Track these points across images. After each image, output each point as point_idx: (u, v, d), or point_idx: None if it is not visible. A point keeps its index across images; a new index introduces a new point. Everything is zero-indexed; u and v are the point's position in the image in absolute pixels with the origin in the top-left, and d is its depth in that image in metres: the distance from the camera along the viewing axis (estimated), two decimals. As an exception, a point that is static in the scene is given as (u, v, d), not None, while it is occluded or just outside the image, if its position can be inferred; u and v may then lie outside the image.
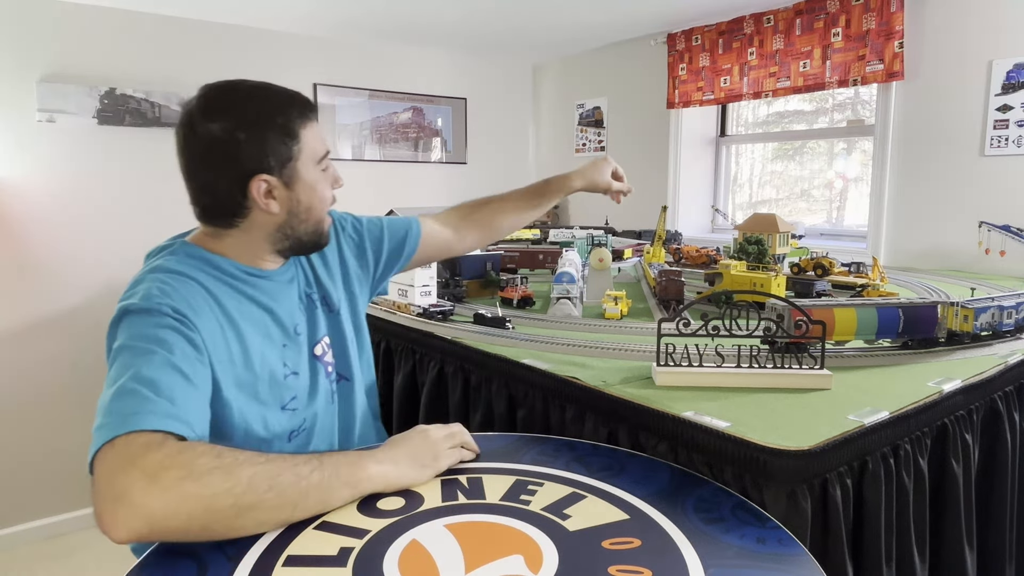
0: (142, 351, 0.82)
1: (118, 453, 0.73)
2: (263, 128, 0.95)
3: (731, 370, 1.10)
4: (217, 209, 0.98)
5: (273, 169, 0.95)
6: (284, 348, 1.01)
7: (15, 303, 2.74)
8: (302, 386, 1.03)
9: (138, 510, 0.69)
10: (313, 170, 1.00)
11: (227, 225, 0.99)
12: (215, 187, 0.96)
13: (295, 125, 0.97)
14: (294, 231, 1.01)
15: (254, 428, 0.95)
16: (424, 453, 0.90)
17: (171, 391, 0.79)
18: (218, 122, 0.94)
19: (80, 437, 3.07)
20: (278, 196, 0.97)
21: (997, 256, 2.27)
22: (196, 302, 0.91)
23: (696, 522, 0.78)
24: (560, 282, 1.70)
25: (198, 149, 0.96)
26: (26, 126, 2.68)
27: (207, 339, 0.89)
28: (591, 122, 3.82)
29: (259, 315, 0.99)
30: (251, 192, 0.95)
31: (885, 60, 2.50)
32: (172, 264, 0.95)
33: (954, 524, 1.10)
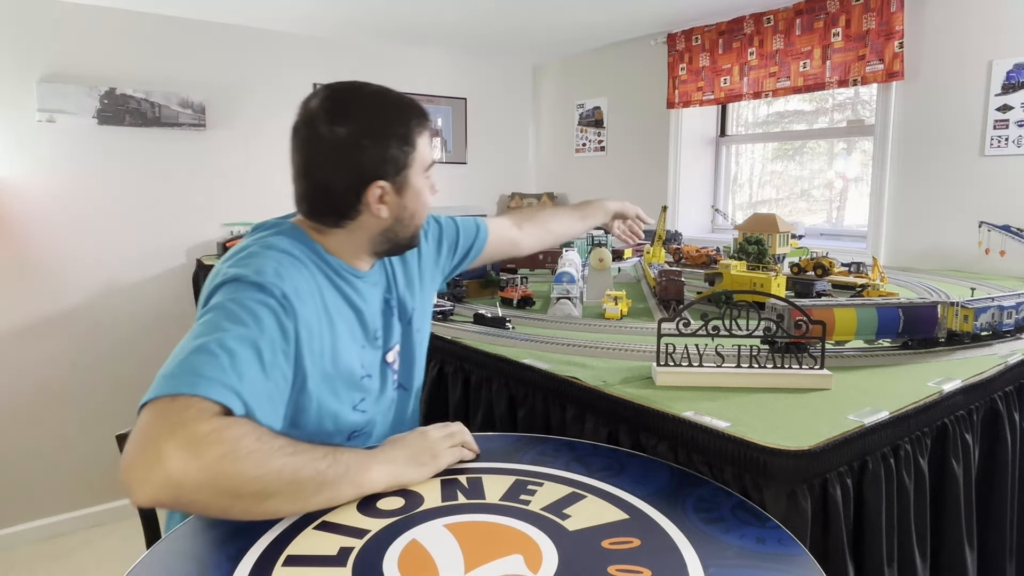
0: (236, 319, 0.83)
1: (172, 414, 0.73)
2: (387, 136, 0.97)
3: (731, 370, 1.10)
4: (327, 209, 0.99)
5: (389, 175, 0.98)
6: (363, 350, 1.03)
7: (15, 303, 2.75)
8: (373, 389, 1.04)
9: (172, 478, 0.70)
10: (421, 177, 1.02)
11: (334, 224, 1.00)
12: (331, 188, 0.98)
13: (414, 134, 1.00)
14: (396, 235, 1.03)
15: (325, 423, 0.97)
16: (423, 452, 0.91)
17: (245, 368, 0.80)
18: (344, 127, 0.95)
19: (80, 437, 3.09)
20: (388, 202, 0.99)
21: (997, 256, 2.27)
22: (304, 290, 0.92)
23: (696, 522, 0.78)
24: (560, 282, 1.70)
25: (320, 150, 0.97)
26: (26, 126, 2.68)
27: (303, 330, 0.90)
28: (591, 122, 3.82)
29: (349, 314, 1.01)
30: (366, 197, 0.97)
31: (885, 60, 2.50)
32: (287, 246, 0.96)
33: (954, 524, 1.10)
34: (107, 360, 2.96)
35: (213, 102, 3.07)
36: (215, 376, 0.77)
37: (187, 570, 0.70)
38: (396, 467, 0.87)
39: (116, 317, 2.96)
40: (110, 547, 2.78)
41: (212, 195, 3.10)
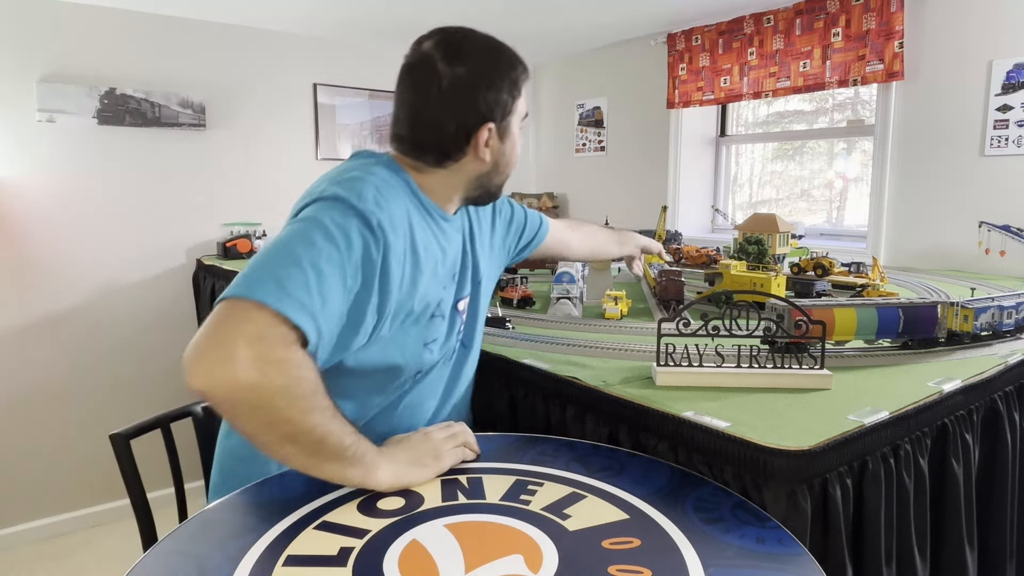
0: (330, 238, 0.85)
1: (254, 323, 0.76)
2: (501, 80, 0.99)
3: (731, 370, 1.10)
4: (434, 148, 1.00)
5: (496, 119, 1.00)
6: (443, 290, 1.04)
7: (15, 303, 2.74)
8: (442, 332, 1.06)
9: (233, 382, 0.74)
10: (517, 127, 1.06)
11: (436, 164, 1.01)
12: (443, 127, 0.99)
13: (520, 83, 1.03)
14: (490, 181, 1.06)
15: (392, 353, 0.99)
16: (426, 454, 0.91)
17: (329, 293, 0.82)
18: (463, 67, 0.97)
19: (80, 437, 3.08)
20: (492, 147, 1.02)
21: (997, 256, 2.27)
22: (398, 221, 0.93)
23: (696, 522, 0.78)
24: (560, 282, 1.69)
25: (437, 89, 0.97)
26: (26, 126, 2.68)
27: (392, 260, 0.91)
28: (591, 122, 3.82)
29: (436, 252, 1.02)
30: (476, 139, 0.99)
31: (885, 60, 2.50)
32: (389, 177, 0.98)
33: (954, 524, 1.10)
34: (107, 360, 2.96)
35: (213, 102, 3.07)
36: (301, 297, 0.79)
37: (187, 570, 0.70)
38: (399, 467, 0.88)
39: (116, 317, 2.96)
40: (110, 547, 2.78)
41: (212, 195, 3.10)
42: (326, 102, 3.40)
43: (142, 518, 1.18)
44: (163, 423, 1.27)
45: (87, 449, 2.88)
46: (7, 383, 2.76)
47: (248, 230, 3.03)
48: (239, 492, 0.89)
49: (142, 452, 1.26)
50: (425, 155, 1.01)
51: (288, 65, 3.28)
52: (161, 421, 1.26)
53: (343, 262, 0.85)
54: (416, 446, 0.91)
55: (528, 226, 1.37)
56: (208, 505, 0.88)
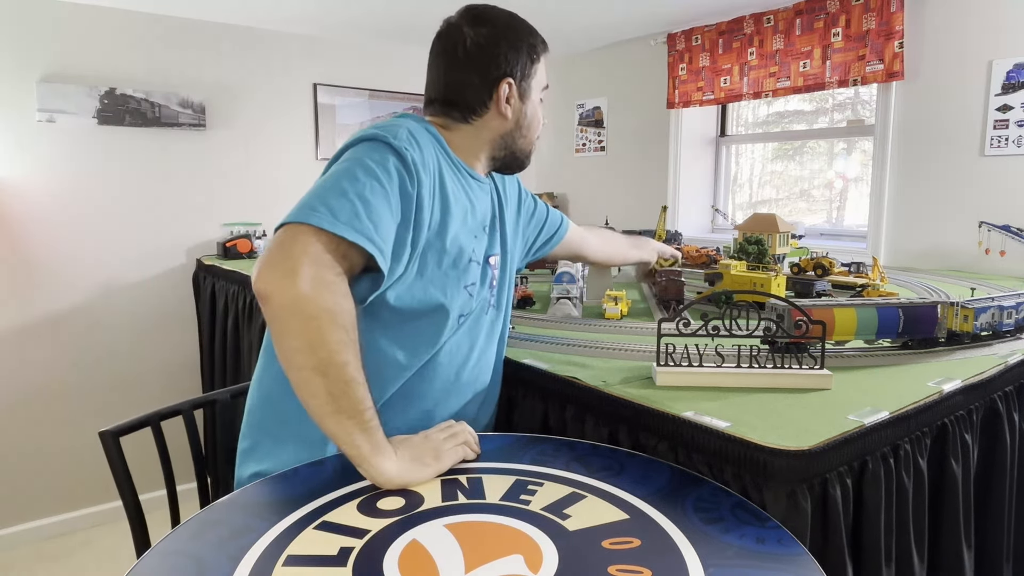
0: (370, 172, 0.93)
1: (316, 245, 0.86)
2: (520, 42, 1.12)
3: (731, 370, 1.10)
4: (459, 103, 1.11)
5: (517, 78, 1.11)
6: (475, 239, 1.11)
7: (15, 303, 2.75)
8: (478, 277, 1.12)
9: (292, 293, 0.83)
10: (537, 95, 1.16)
11: (462, 119, 1.12)
12: (467, 83, 1.10)
13: (539, 50, 1.15)
14: (514, 142, 1.16)
15: (435, 293, 1.04)
16: (426, 453, 0.91)
17: (378, 218, 0.91)
18: (485, 28, 1.10)
19: (79, 437, 3.08)
20: (512, 104, 1.12)
21: (997, 256, 2.27)
22: (429, 163, 1.01)
23: (696, 522, 0.78)
24: (560, 282, 1.69)
25: (462, 50, 1.10)
26: (26, 126, 2.68)
27: (425, 196, 0.99)
28: (591, 122, 3.82)
29: (465, 202, 1.09)
30: (497, 92, 1.10)
31: (885, 60, 2.50)
32: (417, 127, 1.05)
33: (953, 524, 1.10)
34: (107, 360, 2.96)
35: (213, 102, 3.07)
36: (354, 223, 0.88)
37: (187, 570, 0.70)
38: (402, 463, 0.88)
39: (116, 317, 2.96)
40: (110, 547, 2.78)
41: (212, 195, 3.10)
42: (326, 102, 3.40)
43: (133, 516, 1.18)
44: (153, 421, 1.26)
45: (87, 449, 2.88)
46: (7, 383, 2.76)
47: (248, 230, 3.03)
48: (239, 492, 0.89)
49: (136, 455, 1.26)
50: (452, 111, 1.12)
51: (288, 65, 3.28)
52: (151, 419, 1.26)
53: (387, 193, 0.93)
54: (417, 446, 0.92)
55: (548, 223, 1.45)
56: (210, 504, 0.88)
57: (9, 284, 2.72)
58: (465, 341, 1.13)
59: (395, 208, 0.94)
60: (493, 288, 1.18)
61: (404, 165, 0.96)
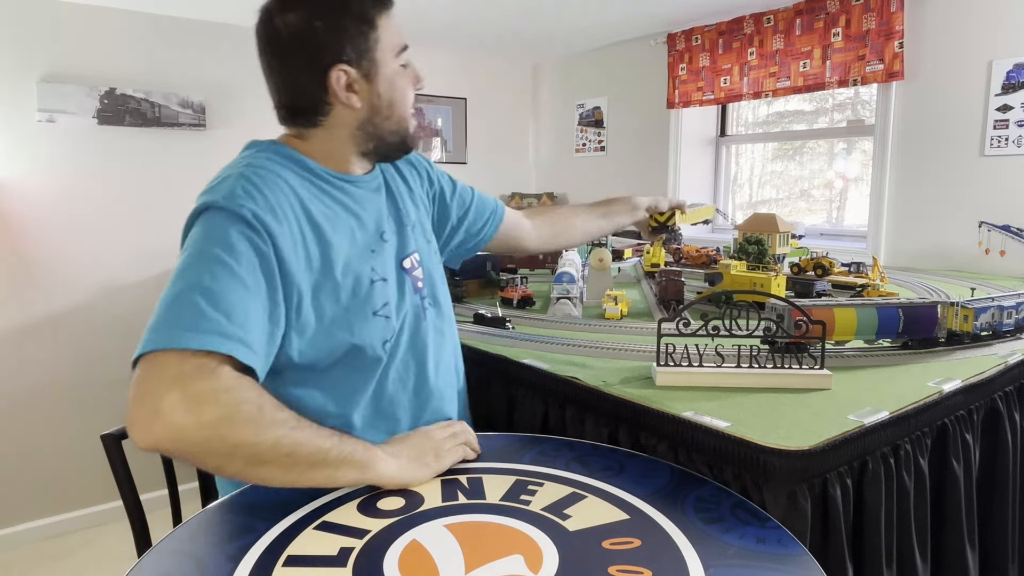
0: (211, 257, 0.82)
1: (167, 368, 0.75)
2: (339, 15, 0.93)
3: (731, 370, 1.10)
4: (299, 107, 0.97)
5: (352, 60, 0.94)
6: (372, 254, 0.99)
7: (15, 303, 2.74)
8: (391, 293, 1.00)
9: (170, 431, 0.73)
10: (392, 63, 0.97)
11: (310, 124, 0.98)
12: (295, 82, 0.95)
13: (371, 13, 0.95)
14: (377, 129, 0.99)
15: (341, 335, 0.93)
16: (427, 452, 0.91)
17: (229, 305, 0.79)
18: (295, 12, 0.92)
19: (80, 437, 3.07)
20: (359, 90, 0.95)
21: (997, 256, 2.27)
22: (279, 204, 0.89)
23: (696, 522, 0.78)
24: (560, 282, 1.69)
25: (276, 43, 0.95)
26: (26, 126, 2.68)
27: (283, 246, 0.87)
28: (591, 122, 3.82)
29: (345, 219, 0.97)
30: (331, 84, 0.93)
31: (885, 60, 2.50)
32: (261, 160, 0.94)
33: (955, 524, 1.10)
34: (107, 360, 2.96)
35: (213, 102, 3.07)
36: (201, 327, 0.77)
37: (187, 570, 0.70)
38: (401, 463, 0.87)
39: (116, 317, 2.96)
40: (110, 547, 2.78)
41: (212, 195, 3.09)
42: (326, 102, 3.39)
43: (135, 518, 1.18)
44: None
45: (87, 449, 2.88)
46: (7, 383, 2.75)
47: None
48: (239, 492, 0.88)
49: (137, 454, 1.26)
50: (298, 117, 0.98)
51: (288, 65, 3.27)
52: None
53: (232, 271, 0.82)
54: (418, 445, 0.91)
55: (476, 206, 1.29)
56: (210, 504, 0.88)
57: (9, 284, 2.72)
58: (411, 358, 1.04)
59: (255, 279, 0.83)
60: (420, 289, 1.07)
61: (248, 226, 0.85)
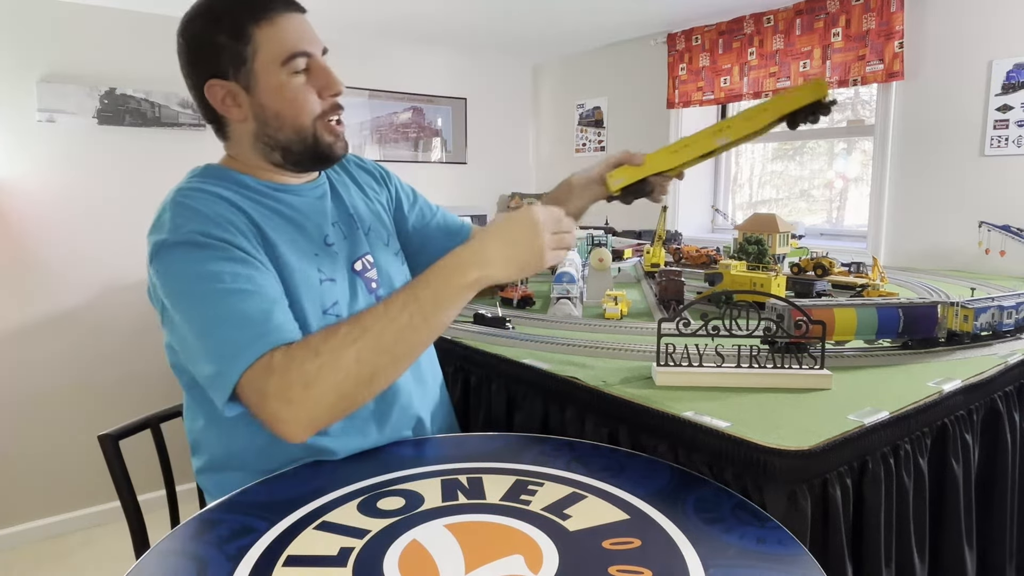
0: (199, 295, 0.84)
1: (251, 391, 0.81)
2: (212, 29, 0.93)
3: (731, 370, 1.10)
4: (207, 120, 1.00)
5: (227, 73, 0.93)
6: (316, 256, 0.99)
7: (15, 303, 2.74)
8: (340, 293, 1.00)
9: (296, 424, 0.80)
10: (277, 73, 0.93)
11: (222, 137, 1.01)
12: (193, 96, 0.98)
13: (246, 24, 0.92)
14: (274, 139, 0.97)
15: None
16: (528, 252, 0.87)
17: (244, 315, 0.83)
18: (181, 33, 0.97)
19: (79, 437, 3.07)
20: (241, 102, 0.95)
21: (997, 256, 2.27)
22: (222, 215, 0.90)
23: (696, 522, 0.78)
24: (560, 282, 1.69)
25: (181, 63, 0.98)
26: (26, 126, 2.68)
27: (240, 243, 0.89)
28: (591, 122, 3.82)
29: (284, 225, 0.98)
30: (209, 99, 0.95)
31: (885, 60, 2.50)
32: (192, 183, 0.94)
33: (954, 524, 1.10)
34: (107, 360, 2.96)
35: (213, 102, 3.07)
36: (241, 343, 0.81)
37: (187, 570, 0.70)
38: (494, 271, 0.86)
39: (116, 317, 2.96)
40: (110, 547, 2.78)
41: (212, 195, 3.09)
42: (326, 102, 3.40)
43: (132, 519, 1.18)
44: (152, 423, 1.26)
45: (87, 449, 2.88)
46: (7, 383, 2.76)
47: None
48: (239, 492, 0.89)
49: (136, 454, 1.26)
50: (215, 132, 1.01)
51: (288, 65, 3.27)
52: (150, 421, 1.26)
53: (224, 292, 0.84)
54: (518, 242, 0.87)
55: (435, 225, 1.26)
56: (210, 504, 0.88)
57: (9, 284, 2.72)
58: None
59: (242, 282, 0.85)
60: (375, 290, 1.06)
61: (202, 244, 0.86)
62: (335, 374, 0.80)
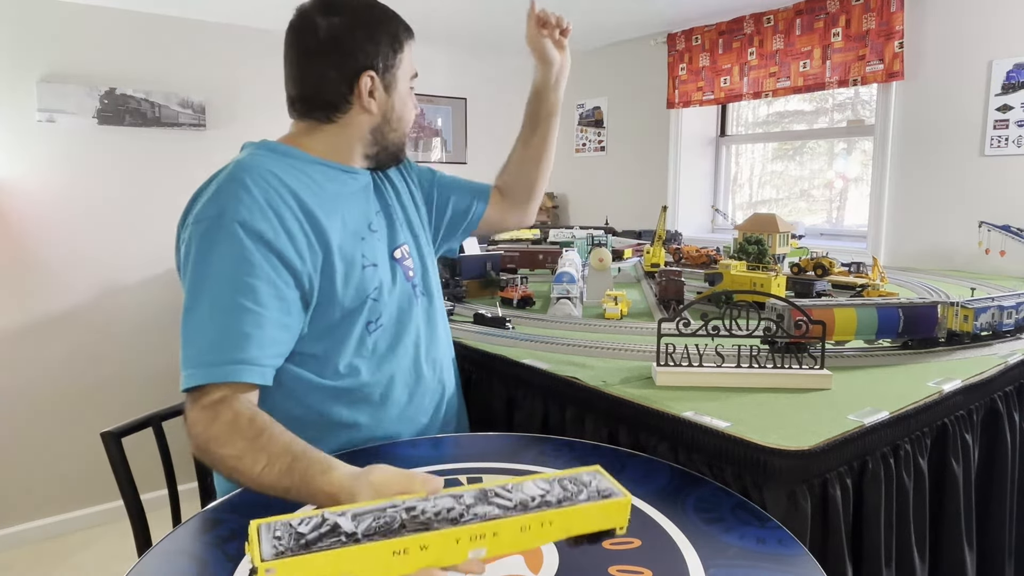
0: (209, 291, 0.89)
1: (191, 404, 0.86)
2: (378, 31, 1.03)
3: (731, 370, 1.10)
4: (320, 102, 1.03)
5: (379, 70, 1.03)
6: (362, 241, 1.04)
7: (15, 303, 2.74)
8: (383, 278, 1.05)
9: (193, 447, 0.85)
10: (405, 84, 1.08)
11: (325, 119, 1.04)
12: (324, 79, 1.02)
13: (402, 37, 1.06)
14: (384, 137, 1.08)
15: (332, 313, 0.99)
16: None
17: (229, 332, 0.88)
18: (339, 17, 1.01)
19: (79, 437, 3.06)
20: (377, 98, 1.04)
21: (997, 256, 2.27)
22: (271, 201, 0.93)
23: (696, 522, 0.78)
24: (560, 282, 1.70)
25: (314, 42, 1.01)
26: (26, 126, 2.68)
27: (281, 245, 0.92)
28: (591, 122, 3.82)
29: (335, 206, 1.02)
30: (358, 86, 1.02)
31: (885, 60, 2.50)
32: (256, 159, 0.99)
33: (954, 524, 1.10)
34: (107, 360, 2.96)
35: (213, 102, 3.07)
36: (212, 361, 0.86)
37: (187, 570, 0.70)
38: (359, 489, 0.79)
39: (116, 317, 2.96)
40: (110, 547, 2.78)
41: (212, 195, 3.09)
42: (326, 102, 3.40)
43: (135, 517, 1.18)
44: (154, 422, 1.27)
45: (87, 449, 2.88)
46: (7, 383, 2.75)
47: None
48: (239, 492, 0.89)
49: (138, 453, 1.26)
50: (314, 111, 1.04)
51: (288, 65, 3.27)
52: (152, 420, 1.26)
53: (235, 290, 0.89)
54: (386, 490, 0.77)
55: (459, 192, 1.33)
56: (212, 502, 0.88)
57: (9, 284, 2.72)
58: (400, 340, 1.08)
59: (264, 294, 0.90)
60: (412, 279, 1.12)
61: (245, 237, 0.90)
62: (233, 462, 0.82)
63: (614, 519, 0.65)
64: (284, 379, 0.98)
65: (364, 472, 0.76)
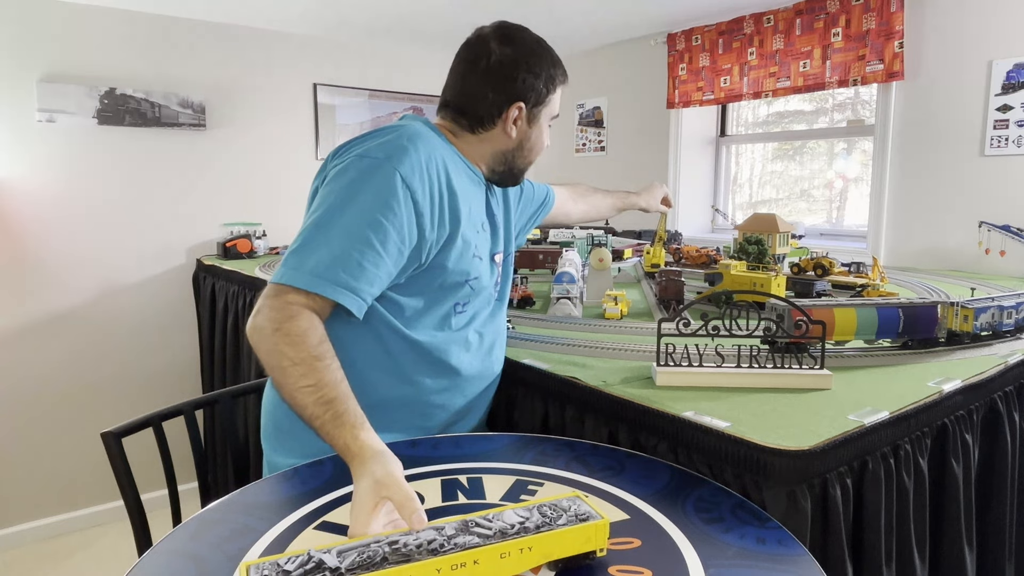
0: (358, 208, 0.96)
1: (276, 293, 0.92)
2: (540, 69, 1.14)
3: (731, 370, 1.10)
4: (470, 114, 1.14)
5: (529, 103, 1.14)
6: (478, 233, 1.14)
7: (15, 303, 2.74)
8: (483, 270, 1.15)
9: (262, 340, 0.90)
10: (546, 121, 1.19)
11: (468, 128, 1.15)
12: (481, 97, 1.12)
13: (557, 81, 1.18)
14: (513, 161, 1.19)
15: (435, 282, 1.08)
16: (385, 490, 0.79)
17: (349, 257, 0.94)
18: (511, 48, 1.12)
19: (80, 437, 3.06)
20: (519, 127, 1.15)
21: (997, 256, 2.27)
22: (428, 167, 1.03)
23: (696, 522, 0.78)
24: (560, 282, 1.70)
25: (484, 63, 1.12)
26: (26, 126, 2.68)
27: (423, 208, 1.01)
28: (591, 122, 3.82)
29: (468, 197, 1.12)
30: (507, 112, 1.13)
31: (885, 60, 2.50)
32: (419, 128, 1.08)
33: (954, 524, 1.10)
34: (107, 360, 2.96)
35: (213, 102, 3.07)
36: (327, 278, 0.92)
37: (187, 570, 0.70)
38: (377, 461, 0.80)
39: (116, 317, 2.96)
40: (110, 547, 2.78)
41: (212, 195, 3.10)
42: (326, 102, 3.40)
43: (135, 516, 1.19)
44: (154, 422, 1.26)
45: (87, 449, 2.89)
46: (7, 383, 2.76)
47: (248, 230, 3.03)
48: (239, 492, 0.89)
49: (137, 454, 1.26)
50: (461, 118, 1.15)
51: (288, 65, 3.28)
52: (152, 420, 1.26)
53: (366, 227, 0.96)
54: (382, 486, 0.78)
55: (535, 200, 1.52)
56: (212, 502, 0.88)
57: (9, 284, 2.72)
58: (473, 321, 1.17)
59: (393, 241, 0.98)
60: (498, 284, 1.23)
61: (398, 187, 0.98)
62: (285, 362, 0.88)
63: (593, 541, 0.69)
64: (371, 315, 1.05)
65: (382, 457, 0.79)
